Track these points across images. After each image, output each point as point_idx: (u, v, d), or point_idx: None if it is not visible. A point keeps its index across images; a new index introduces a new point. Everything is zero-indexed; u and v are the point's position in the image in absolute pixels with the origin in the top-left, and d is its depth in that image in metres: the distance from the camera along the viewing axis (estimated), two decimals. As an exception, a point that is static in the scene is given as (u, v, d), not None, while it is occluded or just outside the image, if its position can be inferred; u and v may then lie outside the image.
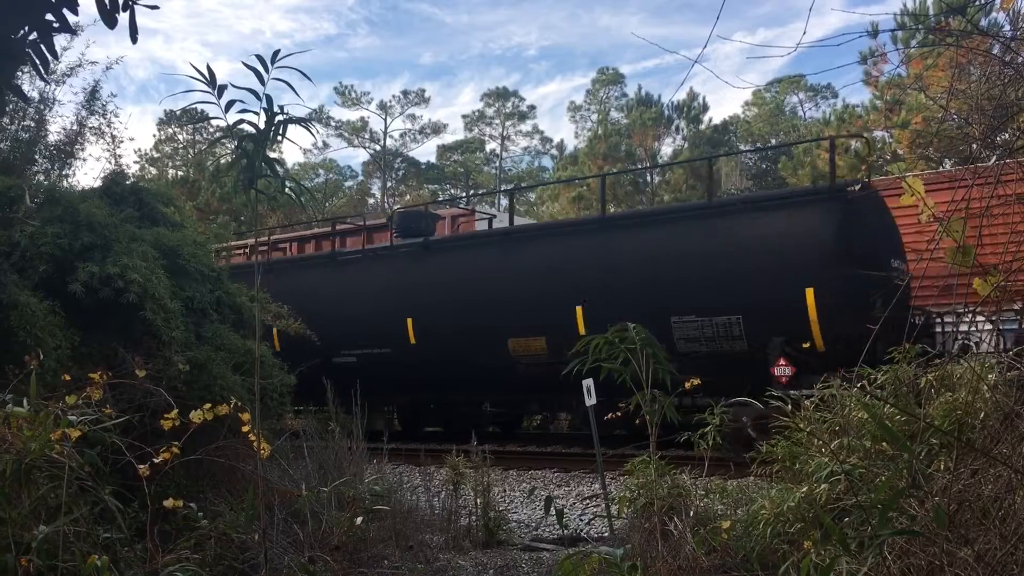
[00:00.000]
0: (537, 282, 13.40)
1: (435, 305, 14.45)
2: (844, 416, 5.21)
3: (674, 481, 6.08)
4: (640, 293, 12.17)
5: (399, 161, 63.97)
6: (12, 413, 4.19)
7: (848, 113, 33.21)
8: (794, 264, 11.21)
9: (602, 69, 57.70)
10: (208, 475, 6.31)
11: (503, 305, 13.65)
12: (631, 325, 5.84)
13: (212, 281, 8.16)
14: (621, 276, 12.55)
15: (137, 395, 5.50)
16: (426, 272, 14.97)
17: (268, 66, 4.43)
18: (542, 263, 13.58)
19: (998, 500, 3.73)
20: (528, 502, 9.45)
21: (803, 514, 4.77)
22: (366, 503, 6.52)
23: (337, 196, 58.81)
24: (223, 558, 5.29)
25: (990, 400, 4.45)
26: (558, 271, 13.26)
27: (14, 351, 5.68)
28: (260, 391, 5.83)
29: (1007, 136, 4.24)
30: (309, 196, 18.28)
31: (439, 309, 14.37)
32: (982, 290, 3.75)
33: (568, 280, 13.01)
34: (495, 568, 6.43)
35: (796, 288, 11.10)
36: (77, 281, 6.61)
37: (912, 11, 23.73)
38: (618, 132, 43.88)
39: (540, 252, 13.88)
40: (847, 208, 11.41)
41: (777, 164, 39.18)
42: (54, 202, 7.15)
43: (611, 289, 12.48)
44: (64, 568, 3.84)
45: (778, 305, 11.27)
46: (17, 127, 8.63)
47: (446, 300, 14.30)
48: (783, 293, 11.22)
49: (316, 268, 16.87)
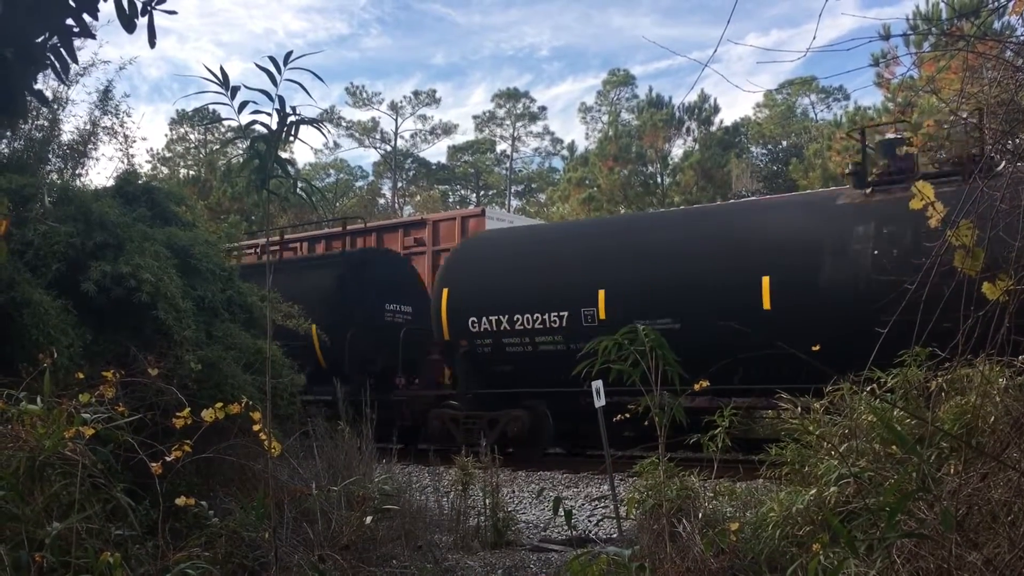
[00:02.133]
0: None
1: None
2: (853, 419, 5.20)
3: (683, 483, 6.09)
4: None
5: (410, 161, 64.10)
6: (26, 411, 4.23)
7: (860, 115, 33.08)
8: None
9: (613, 70, 57.78)
10: (219, 474, 6.35)
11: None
12: (640, 327, 5.84)
13: (223, 280, 8.20)
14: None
15: (149, 393, 5.53)
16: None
17: (281, 67, 4.46)
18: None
19: (1007, 505, 3.73)
20: (537, 503, 9.46)
21: (812, 517, 4.77)
22: (376, 502, 6.55)
23: (348, 196, 58.92)
24: (233, 556, 5.32)
25: (1000, 404, 4.45)
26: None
27: (27, 349, 5.73)
28: (271, 391, 5.86)
29: (1018, 140, 4.23)
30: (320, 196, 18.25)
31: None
32: (991, 294, 3.74)
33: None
34: (504, 568, 6.45)
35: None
36: (90, 280, 6.65)
37: (924, 14, 23.67)
38: (629, 133, 43.81)
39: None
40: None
41: (788, 166, 39.08)
42: (67, 201, 7.20)
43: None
44: (77, 564, 3.87)
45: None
46: (31, 127, 8.68)
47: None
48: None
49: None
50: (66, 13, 2.54)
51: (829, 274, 10.48)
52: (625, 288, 12.07)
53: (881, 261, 9.67)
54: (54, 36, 2.58)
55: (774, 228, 11.46)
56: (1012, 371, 4.68)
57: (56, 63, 2.61)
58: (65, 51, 2.60)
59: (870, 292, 9.37)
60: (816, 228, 10.98)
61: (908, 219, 8.90)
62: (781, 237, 11.17)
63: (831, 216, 10.95)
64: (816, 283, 10.49)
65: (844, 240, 10.54)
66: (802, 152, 40.10)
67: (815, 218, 11.22)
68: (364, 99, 62.16)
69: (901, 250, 9.69)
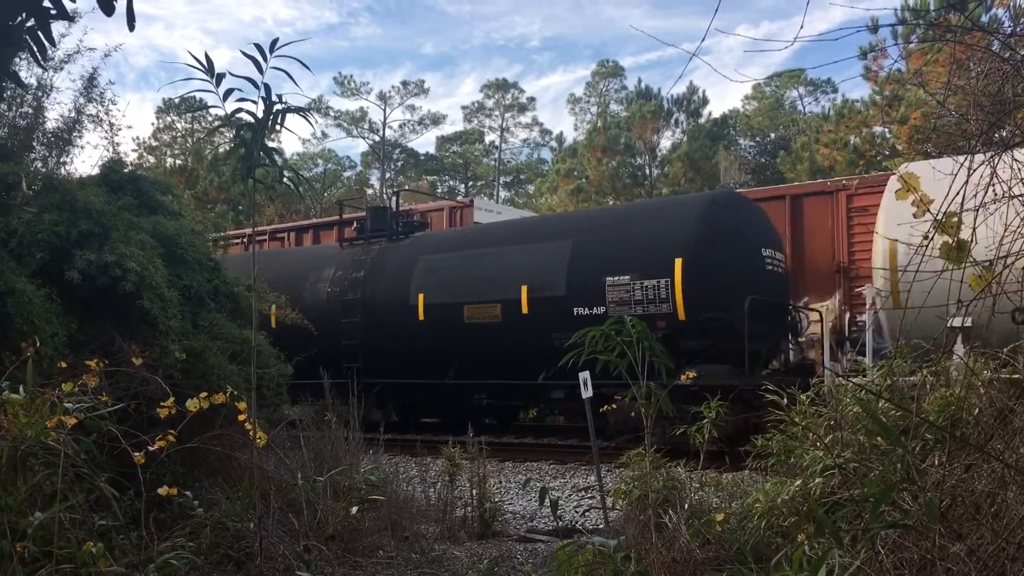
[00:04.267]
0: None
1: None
2: (839, 411, 5.23)
3: (669, 474, 6.10)
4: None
5: (398, 152, 63.95)
6: (8, 400, 4.20)
7: (848, 108, 33.17)
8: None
9: (602, 62, 57.84)
10: (204, 464, 6.32)
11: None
12: (627, 318, 5.85)
13: (209, 270, 8.16)
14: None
15: (134, 383, 5.50)
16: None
17: (267, 55, 4.44)
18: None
19: (991, 496, 3.74)
20: (523, 494, 9.47)
21: (797, 507, 4.79)
22: (362, 493, 6.54)
23: (336, 186, 58.78)
24: (218, 546, 5.31)
25: (984, 396, 4.47)
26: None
27: (11, 338, 5.69)
28: (257, 381, 5.84)
29: (1005, 133, 4.24)
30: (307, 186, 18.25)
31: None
32: (976, 286, 3.76)
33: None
34: (490, 559, 6.45)
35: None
36: (74, 269, 6.61)
37: (912, 6, 23.70)
38: (617, 125, 43.83)
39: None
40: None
41: (776, 158, 39.19)
42: (52, 189, 7.14)
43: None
44: (59, 555, 3.85)
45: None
46: (15, 114, 8.59)
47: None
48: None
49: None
50: (43, -6, 2.51)
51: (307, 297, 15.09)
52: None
53: (335, 290, 15.23)
54: (31, 18, 2.55)
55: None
56: (996, 363, 4.71)
57: (33, 45, 2.58)
58: (43, 34, 2.57)
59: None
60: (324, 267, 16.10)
61: (351, 264, 15.12)
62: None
63: (324, 259, 16.15)
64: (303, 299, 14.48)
65: (320, 275, 15.64)
66: (790, 145, 40.22)
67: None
68: (352, 89, 61.98)
69: (343, 285, 15.15)
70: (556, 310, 12.38)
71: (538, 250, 13.12)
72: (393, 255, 14.91)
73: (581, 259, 12.55)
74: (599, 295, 12.14)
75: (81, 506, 4.16)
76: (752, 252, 12.13)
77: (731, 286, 11.43)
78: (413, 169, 63.46)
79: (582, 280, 12.36)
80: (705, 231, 11.84)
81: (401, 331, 14.06)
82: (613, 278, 12.06)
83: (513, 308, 12.89)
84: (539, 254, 13.01)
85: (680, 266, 11.54)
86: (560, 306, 12.40)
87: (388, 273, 14.54)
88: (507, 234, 14.33)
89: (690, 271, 11.51)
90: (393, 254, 14.95)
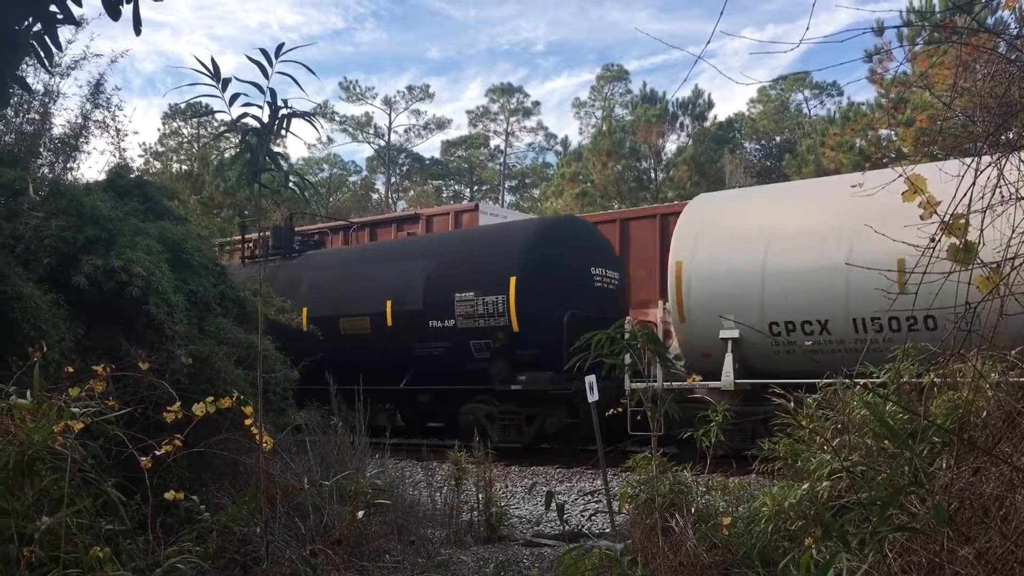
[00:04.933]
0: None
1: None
2: (846, 414, 5.21)
3: (676, 477, 6.09)
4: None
5: (403, 156, 64.04)
6: (15, 405, 4.21)
7: (853, 111, 33.12)
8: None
9: (607, 65, 57.84)
10: (210, 468, 6.32)
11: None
12: (632, 320, 5.83)
13: (216, 275, 8.17)
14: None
15: (140, 388, 5.51)
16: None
17: (272, 60, 4.44)
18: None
19: (999, 499, 3.73)
20: (529, 498, 9.46)
21: (804, 511, 4.78)
22: (368, 497, 6.54)
23: (341, 191, 58.86)
24: (225, 551, 5.30)
25: (992, 399, 4.45)
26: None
27: (18, 343, 5.70)
28: (263, 385, 5.84)
29: (1011, 134, 4.23)
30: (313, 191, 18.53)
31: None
32: (984, 288, 3.74)
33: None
34: (496, 563, 6.44)
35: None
36: (81, 274, 6.61)
37: (918, 8, 23.68)
38: (622, 128, 43.83)
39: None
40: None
41: (781, 161, 39.12)
42: (58, 195, 7.16)
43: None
44: (66, 559, 3.86)
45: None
46: (22, 120, 8.63)
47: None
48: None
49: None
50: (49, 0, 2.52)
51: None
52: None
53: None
54: (37, 23, 2.55)
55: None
56: (1004, 366, 4.69)
57: (40, 51, 2.59)
58: (49, 38, 2.58)
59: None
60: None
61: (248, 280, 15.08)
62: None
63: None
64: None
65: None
66: (795, 148, 40.15)
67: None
68: (358, 94, 62.13)
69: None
70: (415, 322, 13.87)
71: (401, 269, 14.54)
72: (285, 272, 16.28)
73: (436, 278, 14.01)
74: (450, 309, 13.58)
75: (88, 511, 4.17)
76: (580, 271, 13.62)
77: (556, 302, 12.82)
78: (418, 174, 63.55)
79: (436, 296, 13.76)
80: (535, 253, 13.32)
81: (287, 343, 14.98)
82: (461, 294, 13.53)
83: (380, 321, 14.36)
84: (402, 272, 14.42)
85: (514, 284, 13.05)
86: (418, 319, 13.88)
87: (279, 289, 15.04)
88: (377, 254, 16.09)
89: (522, 288, 12.99)
90: (285, 271, 16.36)
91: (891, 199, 4.01)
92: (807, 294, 10.88)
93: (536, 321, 12.85)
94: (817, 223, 11.21)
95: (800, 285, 10.94)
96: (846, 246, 10.48)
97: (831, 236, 10.80)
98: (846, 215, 10.48)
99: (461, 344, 13.54)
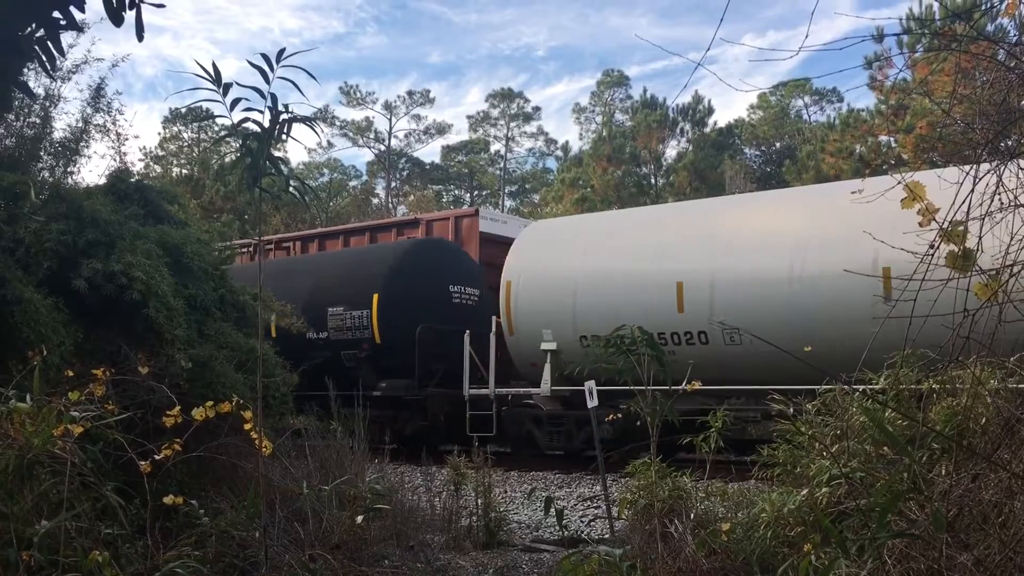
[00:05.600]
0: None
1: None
2: (845, 420, 5.21)
3: (675, 483, 6.09)
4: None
5: (403, 161, 64.08)
6: (15, 408, 4.21)
7: (853, 117, 33.15)
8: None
9: (607, 71, 57.86)
10: (210, 473, 6.32)
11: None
12: (631, 327, 5.85)
13: (215, 279, 8.17)
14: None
15: (140, 392, 5.51)
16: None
17: (273, 64, 4.45)
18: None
19: (998, 505, 3.73)
20: (528, 503, 9.46)
21: (803, 517, 4.78)
22: (367, 502, 6.53)
23: (341, 196, 58.89)
24: (224, 555, 5.30)
25: (991, 405, 4.45)
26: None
27: (18, 347, 5.70)
28: (263, 389, 5.84)
29: (1011, 142, 4.24)
30: (313, 195, 18.59)
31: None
32: (982, 295, 3.74)
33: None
34: (495, 568, 6.44)
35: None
36: (81, 278, 6.62)
37: (918, 16, 23.71)
38: (623, 134, 43.84)
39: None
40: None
41: (781, 167, 39.14)
42: (59, 199, 7.17)
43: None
44: (65, 564, 3.85)
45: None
46: (23, 124, 8.64)
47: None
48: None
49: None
50: (52, 5, 2.52)
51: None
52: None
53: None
54: (40, 28, 2.56)
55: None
56: (1003, 372, 4.69)
57: (42, 55, 2.59)
58: (52, 44, 2.59)
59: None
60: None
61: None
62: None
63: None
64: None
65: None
66: (795, 154, 40.17)
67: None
68: (358, 98, 62.20)
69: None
70: (297, 335, 14.19)
71: (292, 284, 15.43)
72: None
73: (316, 292, 15.42)
74: (324, 322, 15.14)
75: (87, 515, 4.17)
76: (439, 288, 15.06)
77: (413, 316, 14.28)
78: (418, 179, 63.58)
79: (315, 310, 14.97)
80: (395, 271, 14.87)
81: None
82: (333, 309, 15.13)
83: (267, 334, 15.16)
84: (292, 287, 15.15)
85: (376, 300, 14.62)
86: (300, 332, 14.47)
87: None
88: (276, 270, 16.81)
89: (383, 303, 14.55)
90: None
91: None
92: (604, 311, 12.37)
93: (395, 333, 14.30)
94: (630, 245, 13.08)
95: (603, 303, 12.64)
96: (645, 266, 12.45)
97: (645, 256, 12.61)
98: (645, 243, 12.77)
99: (335, 354, 14.86)
